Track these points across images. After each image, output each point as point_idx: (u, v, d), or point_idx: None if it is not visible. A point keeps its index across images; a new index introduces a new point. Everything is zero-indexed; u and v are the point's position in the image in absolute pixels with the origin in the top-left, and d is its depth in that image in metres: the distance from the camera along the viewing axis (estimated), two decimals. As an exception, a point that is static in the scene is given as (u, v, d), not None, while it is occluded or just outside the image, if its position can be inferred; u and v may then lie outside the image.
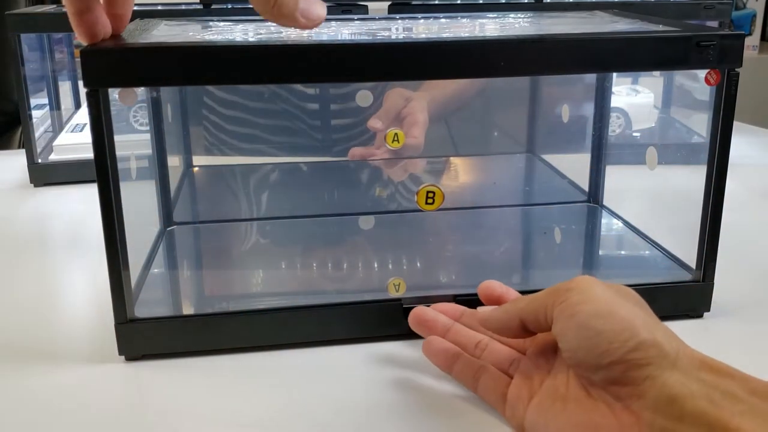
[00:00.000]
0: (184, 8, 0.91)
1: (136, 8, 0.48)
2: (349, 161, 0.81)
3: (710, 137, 0.51)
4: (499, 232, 0.72)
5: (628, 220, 0.69)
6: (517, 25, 0.62)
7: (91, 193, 0.45)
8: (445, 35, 0.55)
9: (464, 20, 0.66)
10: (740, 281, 0.61)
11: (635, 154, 0.64)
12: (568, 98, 0.75)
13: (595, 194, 0.73)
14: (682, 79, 0.96)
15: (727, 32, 0.49)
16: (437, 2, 0.96)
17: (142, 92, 0.62)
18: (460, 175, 0.86)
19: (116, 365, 0.49)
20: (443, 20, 0.66)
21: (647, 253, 0.63)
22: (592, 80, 0.72)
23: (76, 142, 0.93)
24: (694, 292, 0.55)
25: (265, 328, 0.51)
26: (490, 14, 0.73)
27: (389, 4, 0.89)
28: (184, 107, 0.75)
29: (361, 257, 0.65)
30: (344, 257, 0.64)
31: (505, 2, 0.91)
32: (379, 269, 0.62)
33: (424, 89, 0.81)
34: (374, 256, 0.64)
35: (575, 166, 0.76)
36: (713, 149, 0.51)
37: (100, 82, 0.43)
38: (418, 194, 0.54)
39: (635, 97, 0.98)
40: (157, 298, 0.56)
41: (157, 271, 0.59)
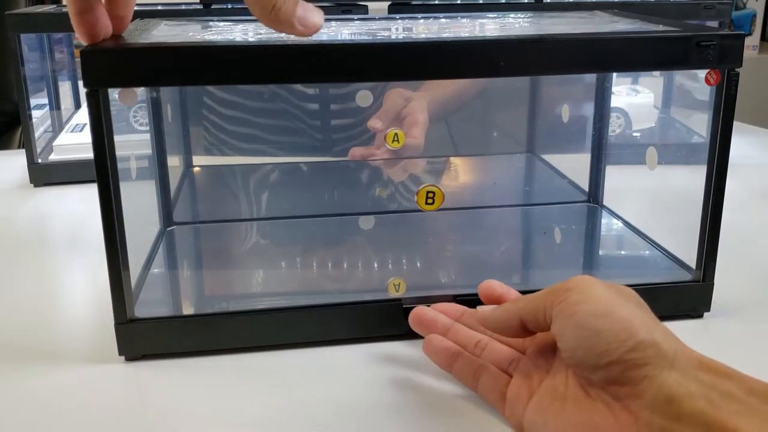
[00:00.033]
0: (184, 8, 0.91)
1: (136, 8, 0.48)
2: (349, 161, 0.81)
3: (710, 137, 0.51)
4: (499, 232, 0.72)
5: (628, 220, 0.68)
6: (517, 25, 0.62)
7: (91, 193, 0.45)
8: (445, 35, 0.55)
9: (464, 20, 0.66)
10: (740, 281, 0.61)
11: (635, 154, 0.64)
12: (568, 98, 0.75)
13: (595, 194, 0.73)
14: (682, 79, 0.96)
15: (727, 32, 0.49)
16: (437, 2, 0.96)
17: (142, 92, 0.62)
18: (460, 175, 0.86)
19: (116, 365, 0.49)
20: (443, 20, 0.66)
21: (647, 253, 0.63)
22: (592, 80, 0.72)
23: (76, 142, 0.93)
24: (694, 292, 0.55)
25: (265, 328, 0.51)
26: (490, 14, 0.73)
27: (389, 4, 0.89)
28: (184, 107, 0.75)
29: (361, 257, 0.65)
30: (344, 257, 0.64)
31: (505, 2, 0.91)
32: (379, 269, 0.62)
33: (424, 89, 0.81)
34: (374, 256, 0.64)
35: (575, 166, 0.76)
36: (713, 149, 0.51)
37: (100, 82, 0.43)
38: (418, 194, 0.54)
39: (635, 97, 0.98)
40: (157, 298, 0.56)
41: (157, 271, 0.59)
